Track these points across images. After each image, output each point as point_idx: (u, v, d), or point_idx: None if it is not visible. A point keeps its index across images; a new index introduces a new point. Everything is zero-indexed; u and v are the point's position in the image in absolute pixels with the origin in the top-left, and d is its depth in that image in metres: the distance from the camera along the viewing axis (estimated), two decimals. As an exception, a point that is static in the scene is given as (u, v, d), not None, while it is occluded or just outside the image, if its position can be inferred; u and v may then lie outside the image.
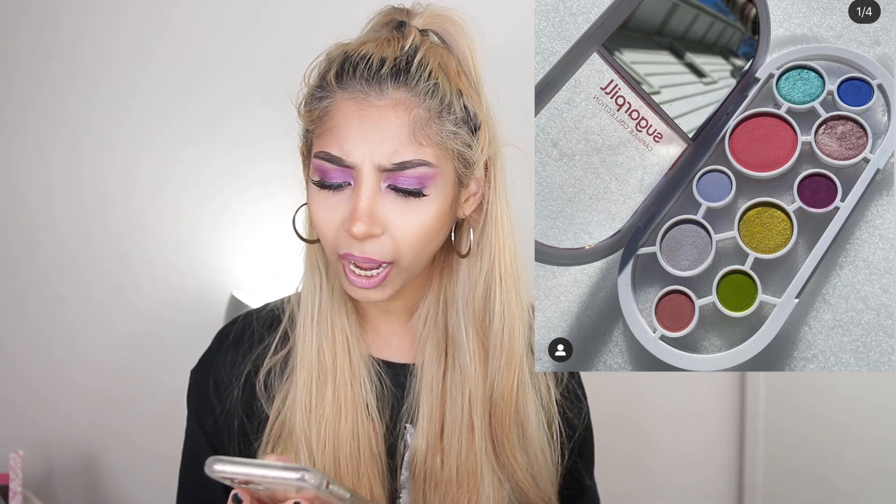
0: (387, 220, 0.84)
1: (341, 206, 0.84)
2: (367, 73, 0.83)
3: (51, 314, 1.65)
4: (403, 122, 0.82)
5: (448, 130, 0.84)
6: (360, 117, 0.83)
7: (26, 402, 1.64)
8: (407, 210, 0.84)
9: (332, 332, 0.92)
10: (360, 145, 0.82)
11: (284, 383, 0.93)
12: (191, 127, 1.67)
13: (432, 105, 0.84)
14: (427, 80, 0.84)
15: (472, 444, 0.91)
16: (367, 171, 0.82)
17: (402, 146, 0.82)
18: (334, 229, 0.85)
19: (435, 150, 0.83)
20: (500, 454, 0.92)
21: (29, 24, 1.62)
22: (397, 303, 0.94)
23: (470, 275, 0.92)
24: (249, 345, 0.95)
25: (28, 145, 1.64)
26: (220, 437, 0.94)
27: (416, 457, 0.92)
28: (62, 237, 1.65)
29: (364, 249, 0.84)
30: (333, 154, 0.83)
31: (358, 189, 0.83)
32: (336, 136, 0.84)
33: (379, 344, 0.96)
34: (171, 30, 1.66)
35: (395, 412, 0.93)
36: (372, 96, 0.83)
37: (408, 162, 0.82)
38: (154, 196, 1.68)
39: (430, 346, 0.93)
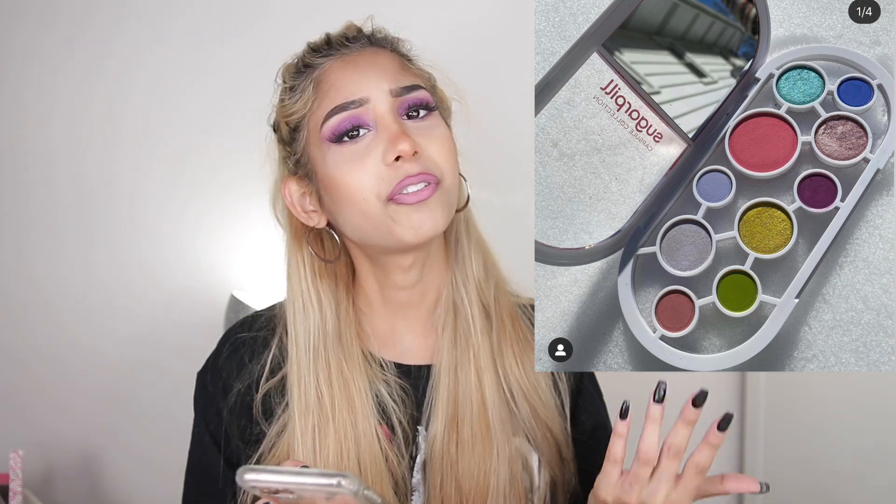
0: (418, 142, 0.86)
1: (370, 152, 0.86)
2: (345, 39, 0.92)
3: (51, 314, 1.65)
4: (392, 59, 0.91)
5: (424, 72, 0.94)
6: (353, 65, 0.89)
7: (26, 402, 1.64)
8: (428, 132, 0.88)
9: (327, 369, 0.90)
10: (363, 82, 0.88)
11: (283, 413, 0.91)
12: (192, 127, 1.67)
13: (403, 56, 0.93)
14: (392, 41, 0.94)
15: (485, 412, 0.91)
16: (381, 100, 0.87)
17: (401, 73, 0.90)
18: (373, 175, 0.86)
19: (424, 83, 0.91)
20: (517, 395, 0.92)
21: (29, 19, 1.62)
22: (412, 281, 0.93)
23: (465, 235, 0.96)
24: (249, 358, 0.94)
25: (31, 144, 1.64)
26: (227, 439, 0.93)
27: (432, 453, 0.91)
28: (64, 237, 1.65)
29: (416, 167, 0.86)
30: (342, 102, 0.87)
31: (382, 119, 0.87)
32: (338, 88, 0.88)
33: (392, 343, 0.95)
34: (176, 30, 1.66)
35: (409, 416, 0.92)
36: (355, 49, 0.91)
37: (413, 85, 0.89)
38: (155, 196, 1.68)
39: (446, 339, 0.94)
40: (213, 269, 1.69)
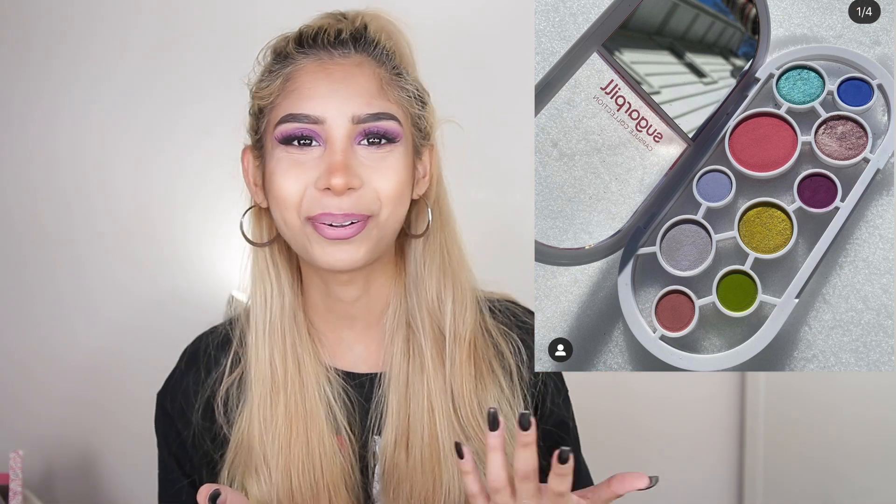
0: (362, 173, 0.83)
1: (310, 167, 0.83)
2: (327, 39, 0.86)
3: (51, 314, 1.65)
4: (370, 78, 0.85)
5: (408, 91, 0.88)
6: (325, 75, 0.85)
7: (26, 402, 1.64)
8: (379, 163, 0.84)
9: (283, 344, 0.90)
10: (328, 100, 0.83)
11: (243, 404, 0.91)
12: (193, 128, 1.67)
13: (390, 68, 0.88)
14: (383, 45, 0.88)
15: (434, 427, 0.89)
16: (339, 124, 0.83)
17: (373, 98, 0.84)
18: (301, 191, 0.83)
19: (399, 111, 0.86)
20: (466, 427, 0.90)
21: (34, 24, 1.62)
22: (358, 298, 0.91)
23: (423, 257, 0.92)
24: (208, 368, 0.93)
25: (33, 143, 1.64)
26: (189, 460, 0.93)
27: (384, 460, 0.90)
28: (65, 237, 1.65)
29: (343, 205, 0.82)
30: (300, 112, 0.83)
31: (331, 144, 0.83)
32: (301, 95, 0.84)
33: (342, 352, 0.93)
34: (178, 32, 1.66)
35: (363, 425, 0.91)
36: (336, 56, 0.86)
37: (382, 113, 0.84)
38: (156, 196, 1.68)
39: (396, 349, 0.91)
40: (212, 269, 1.69)
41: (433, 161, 0.92)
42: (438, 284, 0.92)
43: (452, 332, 0.91)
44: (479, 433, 0.90)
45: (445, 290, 0.92)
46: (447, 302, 0.91)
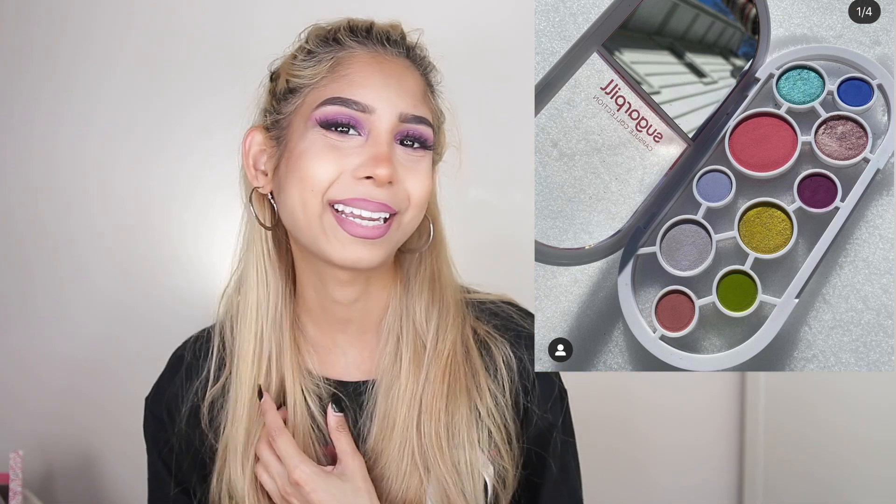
0: (398, 171, 0.83)
1: (348, 153, 0.82)
2: (380, 35, 0.86)
3: (52, 314, 1.65)
4: (418, 83, 0.86)
5: (437, 106, 0.89)
6: (380, 68, 0.84)
7: (27, 402, 1.64)
8: (414, 164, 0.85)
9: (266, 357, 0.89)
10: (381, 91, 0.83)
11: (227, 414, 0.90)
12: (192, 129, 1.67)
13: (429, 81, 0.89)
14: (423, 57, 0.89)
15: (392, 437, 0.88)
16: (387, 118, 0.83)
17: (420, 101, 0.85)
18: (334, 176, 0.82)
19: (434, 120, 0.87)
20: (426, 446, 0.88)
21: (33, 24, 1.62)
22: (356, 304, 0.90)
23: (418, 272, 0.92)
24: (194, 374, 0.93)
25: (32, 145, 1.64)
26: (178, 466, 0.92)
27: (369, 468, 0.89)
28: (66, 237, 1.65)
29: (380, 196, 0.82)
30: (350, 98, 0.82)
31: (377, 135, 0.83)
32: (352, 81, 0.83)
33: (335, 358, 0.92)
34: (176, 33, 1.67)
35: (356, 433, 0.90)
36: (389, 53, 0.86)
37: (423, 118, 0.85)
38: (156, 195, 1.68)
39: (388, 357, 0.90)
40: (212, 269, 1.69)
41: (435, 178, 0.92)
42: (428, 300, 0.91)
43: (433, 346, 0.90)
44: (438, 452, 0.88)
45: (433, 305, 0.91)
46: (433, 317, 0.91)
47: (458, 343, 0.91)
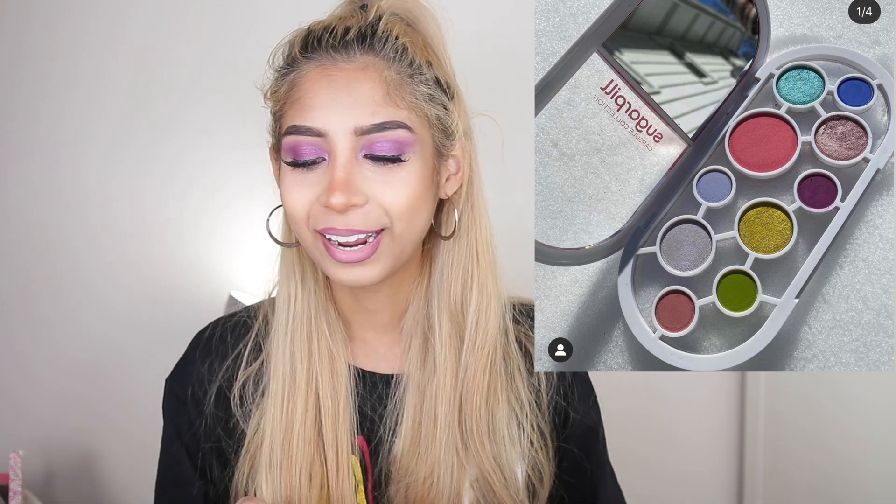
0: (367, 189, 0.79)
1: (315, 183, 0.80)
2: (333, 40, 0.81)
3: (52, 314, 1.65)
4: (375, 84, 0.79)
5: (423, 93, 0.81)
6: (327, 83, 0.79)
7: (27, 402, 1.64)
8: (387, 176, 0.80)
9: (307, 344, 0.88)
10: (329, 111, 0.79)
11: (261, 398, 0.89)
12: (192, 129, 1.67)
13: (402, 68, 0.81)
14: (394, 41, 0.81)
15: (435, 438, 0.87)
16: (340, 137, 0.78)
17: (378, 107, 0.78)
18: (307, 206, 0.80)
19: (412, 115, 0.80)
20: (468, 440, 0.88)
21: (33, 28, 1.62)
22: (385, 301, 0.89)
23: (451, 258, 0.89)
24: (223, 355, 0.91)
25: (32, 144, 1.64)
26: (198, 449, 0.91)
27: (397, 465, 0.89)
28: (62, 237, 1.65)
29: (347, 221, 0.79)
30: (301, 124, 0.79)
31: (333, 159, 0.79)
32: (303, 105, 0.80)
33: (366, 352, 0.92)
34: (174, 34, 1.66)
35: (379, 427, 0.90)
36: (339, 61, 0.80)
37: (386, 123, 0.79)
38: (155, 196, 1.68)
39: (414, 352, 0.89)
40: (211, 269, 1.69)
41: (466, 158, 0.88)
42: (463, 289, 0.88)
43: (472, 340, 0.88)
44: (481, 447, 0.88)
45: (469, 294, 0.88)
46: (470, 308, 0.88)
47: (501, 335, 0.90)
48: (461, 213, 0.88)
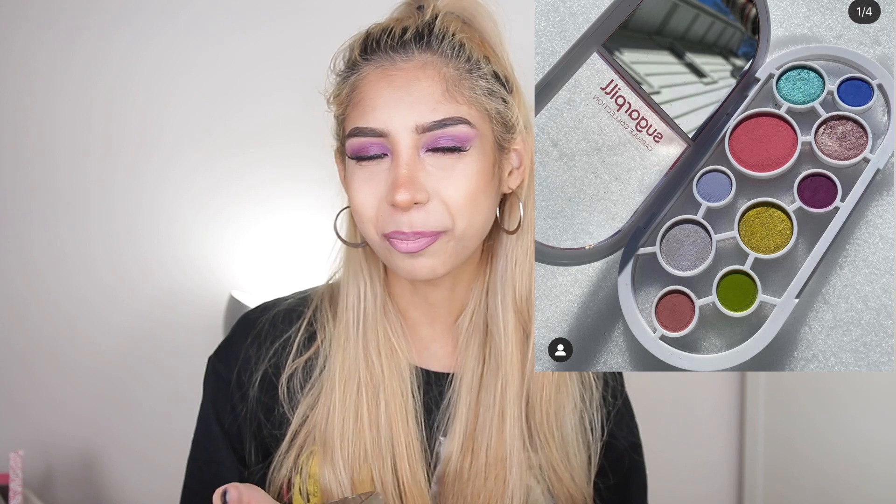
0: (430, 185, 0.81)
1: (381, 179, 0.81)
2: (391, 40, 0.83)
3: (51, 313, 1.65)
4: (434, 81, 0.81)
5: (482, 87, 0.84)
6: (388, 83, 0.81)
7: (26, 402, 1.64)
8: (449, 170, 0.81)
9: (377, 342, 0.89)
10: (391, 111, 0.80)
11: (311, 388, 0.89)
12: (190, 129, 1.67)
13: (460, 64, 0.83)
14: (451, 39, 0.83)
15: (503, 432, 0.88)
16: (403, 136, 0.80)
17: (438, 103, 0.81)
18: (375, 205, 0.82)
19: (471, 111, 0.82)
20: (536, 434, 0.89)
21: (27, 22, 1.62)
22: (445, 295, 0.90)
23: (514, 252, 0.90)
24: (271, 340, 0.91)
25: (32, 143, 1.64)
26: (239, 434, 0.90)
27: (448, 463, 0.89)
28: (63, 236, 1.65)
29: (413, 223, 0.80)
30: (364, 126, 0.81)
31: (396, 157, 0.80)
32: (365, 107, 0.81)
33: (419, 350, 0.93)
34: (171, 30, 1.66)
35: (431, 424, 0.91)
36: (398, 60, 0.82)
37: (447, 119, 0.81)
38: (155, 196, 1.68)
39: (471, 351, 0.90)
40: (212, 269, 1.69)
41: (528, 152, 0.89)
42: (530, 283, 0.90)
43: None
44: (547, 442, 0.90)
45: (533, 288, 0.89)
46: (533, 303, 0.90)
47: None
48: (525, 206, 0.89)
